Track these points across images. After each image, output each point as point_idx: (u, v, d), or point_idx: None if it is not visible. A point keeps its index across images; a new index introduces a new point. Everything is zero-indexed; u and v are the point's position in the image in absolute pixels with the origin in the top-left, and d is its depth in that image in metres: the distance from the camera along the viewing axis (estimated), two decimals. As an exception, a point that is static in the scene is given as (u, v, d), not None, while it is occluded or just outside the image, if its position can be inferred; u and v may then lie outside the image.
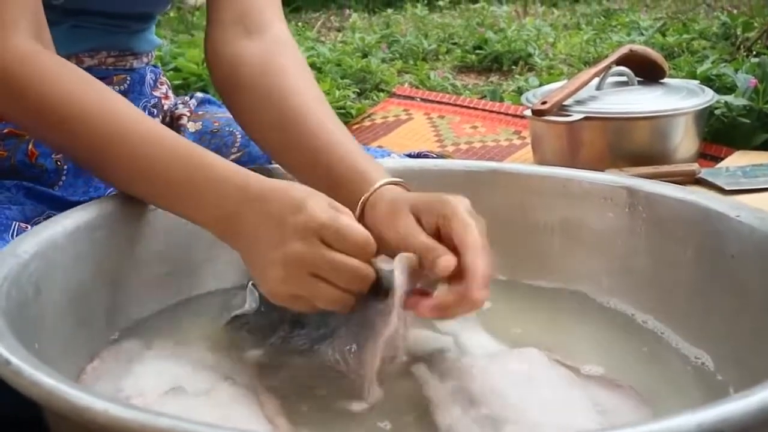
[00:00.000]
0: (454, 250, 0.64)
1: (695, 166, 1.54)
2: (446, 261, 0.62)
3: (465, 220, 0.65)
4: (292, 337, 0.71)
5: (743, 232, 0.71)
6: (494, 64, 3.05)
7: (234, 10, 0.88)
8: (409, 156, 1.02)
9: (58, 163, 0.90)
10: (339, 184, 0.76)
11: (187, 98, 1.10)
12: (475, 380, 0.64)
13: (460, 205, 0.67)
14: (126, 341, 0.74)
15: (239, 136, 1.00)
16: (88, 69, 0.92)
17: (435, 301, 0.64)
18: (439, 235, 0.67)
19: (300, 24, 4.17)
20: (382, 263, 0.66)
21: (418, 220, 0.68)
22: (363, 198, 0.73)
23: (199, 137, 1.02)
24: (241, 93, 0.86)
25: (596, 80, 1.65)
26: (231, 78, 0.87)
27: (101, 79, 0.94)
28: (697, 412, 0.43)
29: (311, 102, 0.83)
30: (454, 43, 3.44)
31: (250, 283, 0.75)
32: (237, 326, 0.75)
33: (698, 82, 1.76)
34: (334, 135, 0.80)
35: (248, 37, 0.87)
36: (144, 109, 1.00)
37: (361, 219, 0.73)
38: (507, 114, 2.11)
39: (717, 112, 1.75)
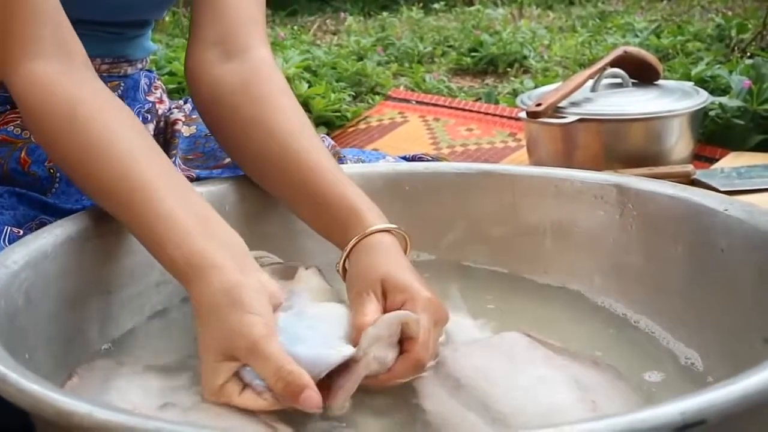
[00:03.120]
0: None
1: (690, 168, 1.54)
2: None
3: (423, 331, 0.65)
4: None
5: (732, 226, 0.71)
6: (489, 66, 3.06)
7: (217, 30, 0.86)
8: (404, 159, 1.02)
9: (51, 170, 0.90)
10: (332, 220, 0.76)
11: (181, 103, 1.09)
12: (459, 365, 0.65)
13: (425, 315, 0.66)
14: (99, 360, 0.72)
15: (233, 140, 0.99)
16: (81, 75, 0.93)
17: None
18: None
19: (296, 27, 4.18)
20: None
21: (384, 293, 0.69)
22: (353, 242, 0.73)
23: (194, 141, 1.02)
24: (224, 121, 0.85)
25: (591, 82, 1.65)
26: (212, 105, 0.85)
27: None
28: (680, 401, 0.43)
29: (297, 129, 0.81)
30: (450, 46, 3.45)
31: None
32: None
33: (693, 83, 1.76)
34: (324, 167, 0.78)
35: (229, 60, 0.85)
36: (138, 114, 0.99)
37: (347, 258, 0.73)
38: (502, 116, 2.12)
39: (711, 113, 1.76)
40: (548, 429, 0.41)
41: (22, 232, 0.80)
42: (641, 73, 1.68)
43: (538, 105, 1.55)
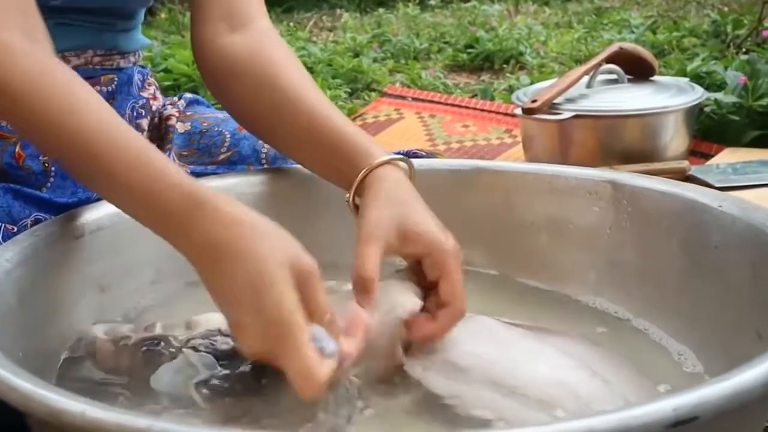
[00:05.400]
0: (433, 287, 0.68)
1: (685, 164, 1.54)
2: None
3: (455, 284, 0.67)
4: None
5: (725, 222, 0.71)
6: (486, 63, 3.06)
7: (219, 7, 0.89)
8: (398, 154, 1.02)
9: (46, 165, 0.90)
10: (339, 159, 0.77)
11: (175, 99, 1.10)
12: (451, 351, 0.66)
13: (453, 262, 0.68)
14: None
15: (228, 135, 1.00)
16: (75, 68, 0.92)
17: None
18: (418, 265, 0.69)
19: (292, 24, 4.18)
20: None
21: (404, 240, 0.69)
22: (362, 172, 0.74)
23: (188, 137, 1.02)
24: (232, 81, 0.87)
25: (586, 78, 1.65)
26: (220, 69, 0.88)
27: (88, 78, 0.93)
28: (673, 397, 0.43)
29: (303, 83, 0.84)
30: (446, 43, 3.45)
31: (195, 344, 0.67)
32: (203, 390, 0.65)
33: (688, 79, 1.76)
34: (328, 111, 0.81)
35: (234, 32, 0.88)
36: (132, 109, 0.99)
37: (358, 191, 0.74)
38: (498, 113, 2.11)
39: (707, 109, 1.76)
40: (541, 427, 0.41)
41: (16, 229, 0.80)
42: (637, 69, 1.68)
43: (534, 101, 1.55)
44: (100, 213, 0.78)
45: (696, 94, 1.59)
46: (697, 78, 1.94)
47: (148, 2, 1.01)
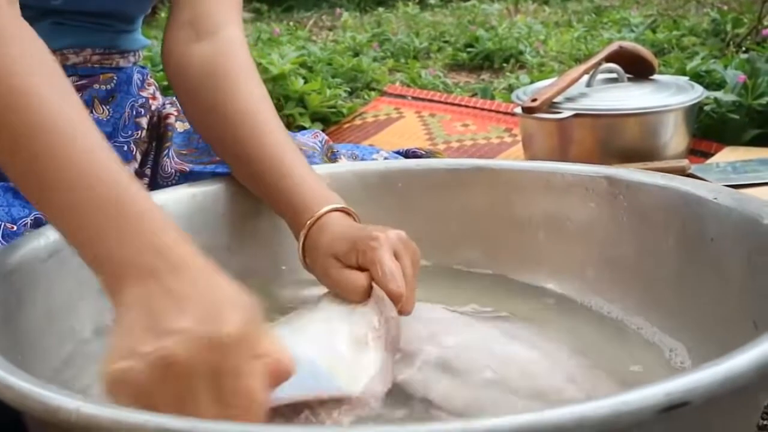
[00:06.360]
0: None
1: (685, 163, 1.54)
2: None
3: (383, 267, 0.68)
4: None
5: (721, 214, 0.71)
6: (485, 62, 3.06)
7: (189, 11, 0.89)
8: (398, 153, 1.02)
9: (44, 164, 0.90)
10: (284, 204, 0.78)
11: (174, 98, 1.10)
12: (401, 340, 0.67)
13: (382, 250, 0.68)
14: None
15: (227, 135, 0.99)
16: (73, 66, 0.93)
17: None
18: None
19: (292, 23, 4.18)
20: None
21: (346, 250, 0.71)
22: (308, 223, 0.75)
23: (188, 137, 1.02)
24: (188, 96, 0.87)
25: (586, 77, 1.65)
26: (178, 81, 0.88)
27: (87, 77, 0.94)
28: (665, 382, 0.43)
29: (254, 108, 0.83)
30: (446, 42, 3.45)
31: None
32: None
33: (688, 78, 1.76)
34: (277, 148, 0.80)
35: (198, 39, 0.87)
36: (131, 108, 0.99)
37: (305, 242, 0.75)
38: (498, 112, 2.11)
39: (706, 108, 1.76)
40: (532, 415, 0.41)
41: (16, 227, 0.80)
42: (636, 68, 1.68)
43: (534, 100, 1.55)
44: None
45: (695, 93, 1.59)
46: (696, 77, 1.94)
47: (147, 8, 1.01)
